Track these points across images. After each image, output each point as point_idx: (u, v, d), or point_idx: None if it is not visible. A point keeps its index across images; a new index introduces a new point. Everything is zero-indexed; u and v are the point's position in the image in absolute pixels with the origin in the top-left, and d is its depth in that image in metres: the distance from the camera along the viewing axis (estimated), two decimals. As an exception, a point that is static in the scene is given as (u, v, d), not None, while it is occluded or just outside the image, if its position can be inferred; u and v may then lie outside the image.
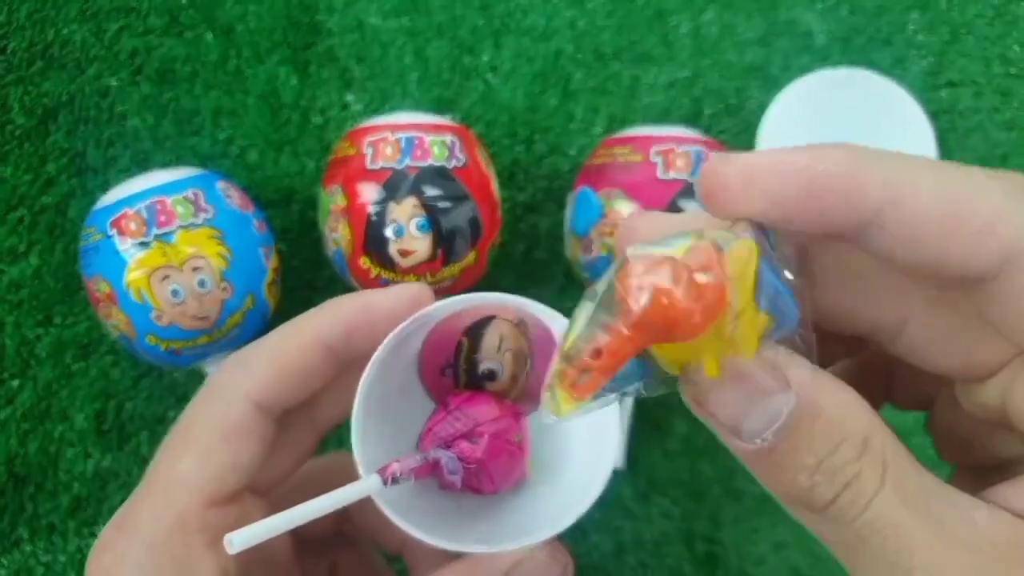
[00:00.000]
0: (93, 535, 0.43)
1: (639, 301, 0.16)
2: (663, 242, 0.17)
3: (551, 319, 0.25)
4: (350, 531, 0.32)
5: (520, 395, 0.27)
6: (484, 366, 0.27)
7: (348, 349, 0.25)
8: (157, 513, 0.23)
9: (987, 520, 0.16)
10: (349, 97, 0.48)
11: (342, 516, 0.31)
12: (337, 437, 0.45)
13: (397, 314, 0.24)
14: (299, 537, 0.28)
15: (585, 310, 0.17)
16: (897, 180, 0.17)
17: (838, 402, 0.17)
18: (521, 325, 0.26)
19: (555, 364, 0.17)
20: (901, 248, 0.17)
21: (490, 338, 0.26)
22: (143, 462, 0.44)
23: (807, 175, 0.17)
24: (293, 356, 0.24)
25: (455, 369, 0.27)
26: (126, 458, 0.44)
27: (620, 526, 0.45)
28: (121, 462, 0.44)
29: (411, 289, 0.25)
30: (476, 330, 0.26)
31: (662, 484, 0.46)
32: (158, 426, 0.45)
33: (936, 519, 0.16)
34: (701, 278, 0.16)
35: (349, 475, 0.28)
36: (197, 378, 0.45)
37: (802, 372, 0.17)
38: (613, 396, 0.18)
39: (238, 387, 0.24)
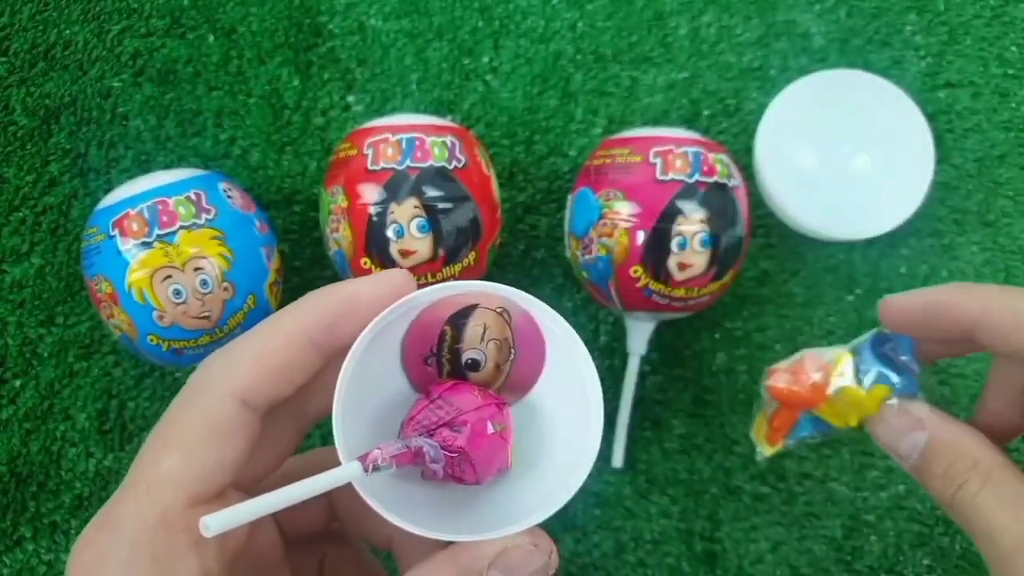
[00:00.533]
0: (95, 534, 0.44)
1: (773, 390, 0.30)
2: (790, 359, 0.30)
3: (534, 307, 0.26)
4: (339, 528, 0.32)
5: (504, 385, 0.27)
6: (467, 356, 0.27)
7: (332, 340, 0.25)
8: (140, 511, 0.23)
9: None
10: (350, 98, 0.49)
11: (330, 513, 0.31)
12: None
13: (380, 302, 0.24)
14: (288, 535, 0.28)
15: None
16: (987, 303, 0.26)
17: (955, 435, 0.27)
18: (504, 314, 0.26)
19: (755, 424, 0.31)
20: (996, 345, 0.27)
21: (473, 327, 0.26)
22: (145, 461, 0.44)
23: (922, 307, 0.28)
24: (277, 351, 0.24)
25: (438, 358, 0.27)
26: (128, 457, 0.44)
27: (619, 525, 0.46)
28: (123, 461, 0.44)
29: (393, 276, 0.25)
30: (459, 319, 0.26)
31: (661, 483, 0.46)
32: (160, 425, 0.45)
33: (1015, 505, 0.24)
34: (812, 376, 0.29)
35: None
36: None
37: (932, 417, 0.27)
38: (794, 442, 0.30)
39: (222, 384, 0.24)
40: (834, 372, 0.28)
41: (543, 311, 0.25)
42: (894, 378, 0.28)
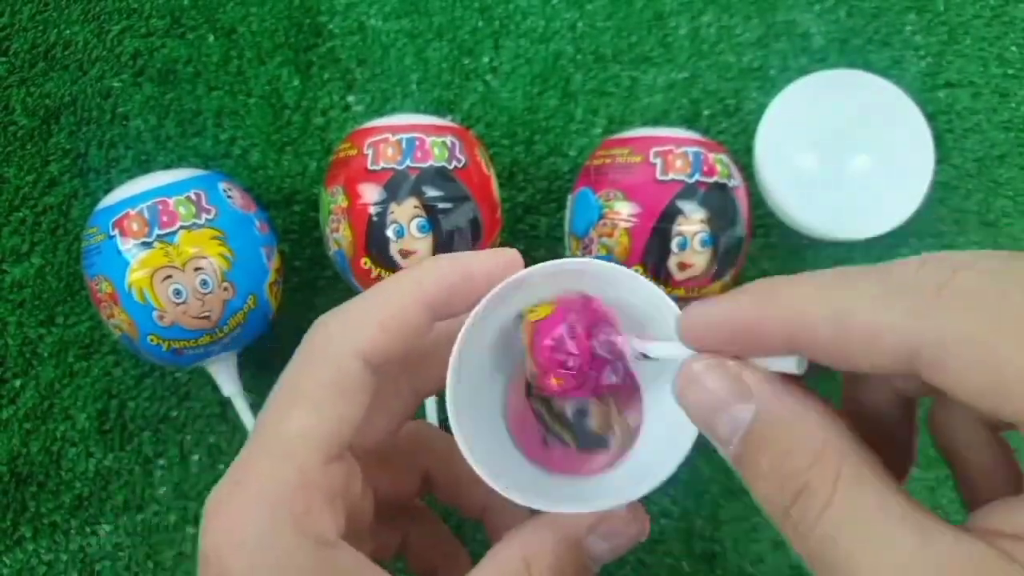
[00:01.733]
0: (95, 534, 0.44)
1: None
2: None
3: (643, 286, 0.26)
4: (421, 505, 0.32)
5: (619, 406, 0.28)
6: (569, 408, 0.28)
7: (446, 308, 0.25)
8: (276, 469, 0.23)
9: (946, 543, 0.16)
10: (350, 98, 0.49)
11: (423, 484, 0.31)
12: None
13: (493, 277, 0.25)
14: (377, 505, 0.29)
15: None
16: (795, 321, 0.19)
17: (795, 413, 0.19)
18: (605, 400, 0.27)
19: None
20: (830, 362, 0.19)
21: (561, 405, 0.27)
22: (145, 461, 0.44)
23: (729, 326, 0.20)
24: (397, 314, 0.25)
25: (553, 434, 0.28)
26: (128, 457, 0.44)
27: (619, 525, 0.46)
28: (123, 461, 0.44)
29: (506, 254, 0.26)
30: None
31: (661, 483, 0.46)
32: (160, 425, 0.45)
33: (887, 540, 0.16)
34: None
35: (431, 442, 0.30)
36: (199, 377, 0.45)
37: (764, 385, 0.19)
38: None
39: (345, 343, 0.24)
40: None
41: (641, 283, 0.26)
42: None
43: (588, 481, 0.27)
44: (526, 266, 0.26)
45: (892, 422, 0.24)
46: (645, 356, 0.25)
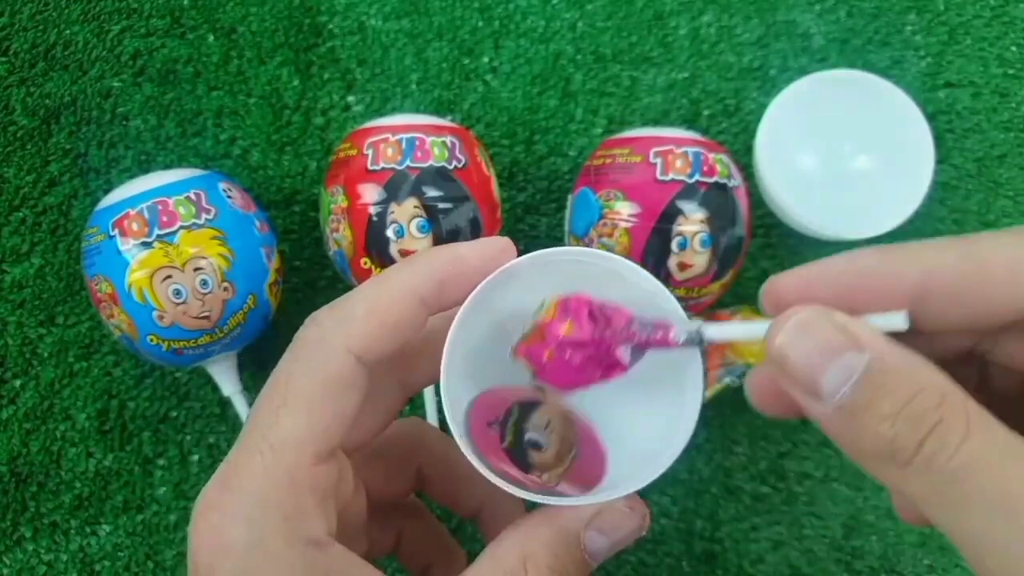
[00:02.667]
0: (95, 534, 0.44)
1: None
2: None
3: (634, 272, 0.25)
4: (415, 502, 0.32)
5: (564, 476, 0.27)
6: (529, 436, 0.27)
7: (440, 300, 0.25)
8: (267, 470, 0.22)
9: None
10: (350, 98, 0.49)
11: (417, 482, 0.31)
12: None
13: (486, 266, 0.25)
14: (371, 503, 0.28)
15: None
16: (927, 263, 0.20)
17: (910, 361, 0.19)
18: (570, 416, 0.27)
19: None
20: (946, 313, 0.20)
21: (539, 416, 0.27)
22: (145, 461, 0.44)
23: (844, 279, 0.21)
24: (390, 308, 0.24)
25: (502, 428, 0.27)
26: (128, 457, 0.44)
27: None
28: (123, 461, 0.44)
29: (499, 242, 0.25)
30: (526, 405, 0.27)
31: (661, 483, 0.46)
32: (160, 425, 0.45)
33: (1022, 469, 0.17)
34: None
35: (425, 439, 0.29)
36: (199, 377, 0.45)
37: (874, 335, 0.19)
38: (728, 380, 0.34)
39: (337, 339, 0.24)
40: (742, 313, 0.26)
41: (643, 276, 0.25)
42: None
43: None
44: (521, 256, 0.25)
45: None
46: (701, 342, 0.24)
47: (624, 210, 0.40)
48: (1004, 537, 0.16)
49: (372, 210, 0.39)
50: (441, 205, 0.39)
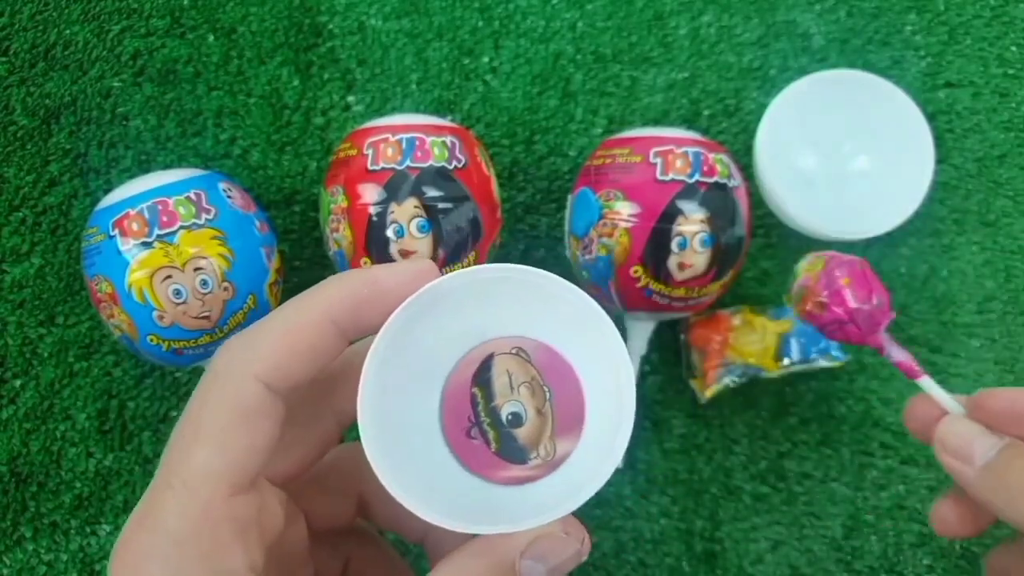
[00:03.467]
0: (95, 534, 0.44)
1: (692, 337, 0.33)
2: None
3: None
4: (364, 527, 0.31)
5: (555, 431, 0.26)
6: (505, 411, 0.26)
7: (355, 325, 0.24)
8: (181, 508, 0.22)
9: None
10: (350, 98, 0.49)
11: (359, 508, 0.30)
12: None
13: (404, 288, 0.24)
14: (314, 531, 0.28)
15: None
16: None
17: None
18: (521, 353, 0.26)
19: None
20: None
21: (498, 378, 0.26)
22: (145, 461, 0.44)
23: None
24: (301, 333, 0.24)
25: (480, 427, 0.26)
26: (128, 457, 0.45)
27: (619, 525, 0.46)
28: (123, 461, 0.44)
29: (418, 263, 0.25)
30: (482, 376, 0.26)
31: (661, 483, 0.46)
32: (160, 425, 0.45)
33: None
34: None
35: (364, 466, 0.28)
36: (199, 377, 0.45)
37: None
38: (728, 381, 0.35)
39: (245, 367, 0.23)
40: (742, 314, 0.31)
41: (567, 289, 0.24)
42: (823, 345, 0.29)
43: (519, 496, 0.26)
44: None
45: None
46: (894, 361, 0.33)
47: (624, 210, 0.40)
48: None
49: (372, 210, 0.39)
50: (441, 205, 0.39)
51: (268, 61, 0.48)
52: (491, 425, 0.26)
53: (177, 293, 0.37)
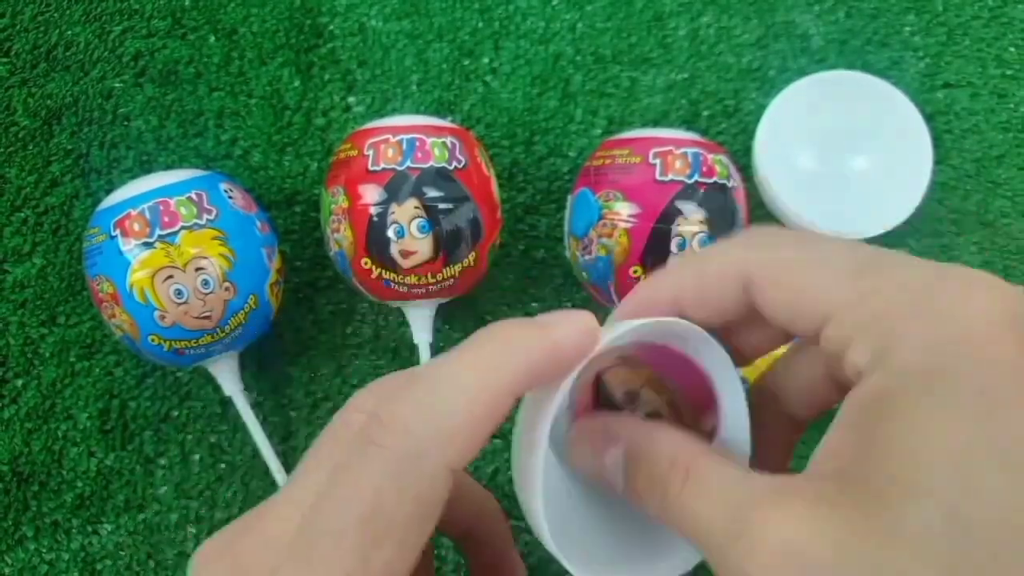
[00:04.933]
0: (97, 533, 0.44)
1: None
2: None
3: (709, 346, 0.24)
4: None
5: (694, 412, 0.26)
6: (621, 391, 0.25)
7: (530, 388, 0.22)
8: None
9: (761, 482, 0.21)
10: (351, 99, 0.49)
11: None
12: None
13: (580, 352, 0.22)
14: None
15: None
16: (671, 284, 0.24)
17: (652, 438, 0.23)
18: (629, 360, 0.25)
19: None
20: (700, 319, 0.24)
21: (617, 390, 0.25)
22: (146, 460, 0.45)
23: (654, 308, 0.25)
24: (488, 409, 0.21)
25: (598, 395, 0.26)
26: (129, 457, 0.45)
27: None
28: (124, 461, 0.45)
29: (584, 321, 0.22)
30: (601, 396, 0.25)
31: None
32: (161, 425, 0.45)
33: (720, 491, 0.21)
34: None
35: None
36: (200, 377, 0.45)
37: (627, 426, 0.24)
38: None
39: (439, 455, 0.20)
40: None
41: (713, 346, 0.24)
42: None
43: (651, 537, 0.25)
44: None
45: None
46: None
47: (624, 210, 0.40)
48: (709, 545, 0.20)
49: (373, 210, 0.39)
50: (441, 205, 0.39)
51: (269, 62, 0.49)
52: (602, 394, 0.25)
53: (178, 293, 0.38)
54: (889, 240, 0.47)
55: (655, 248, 0.40)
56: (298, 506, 0.21)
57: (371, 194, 0.39)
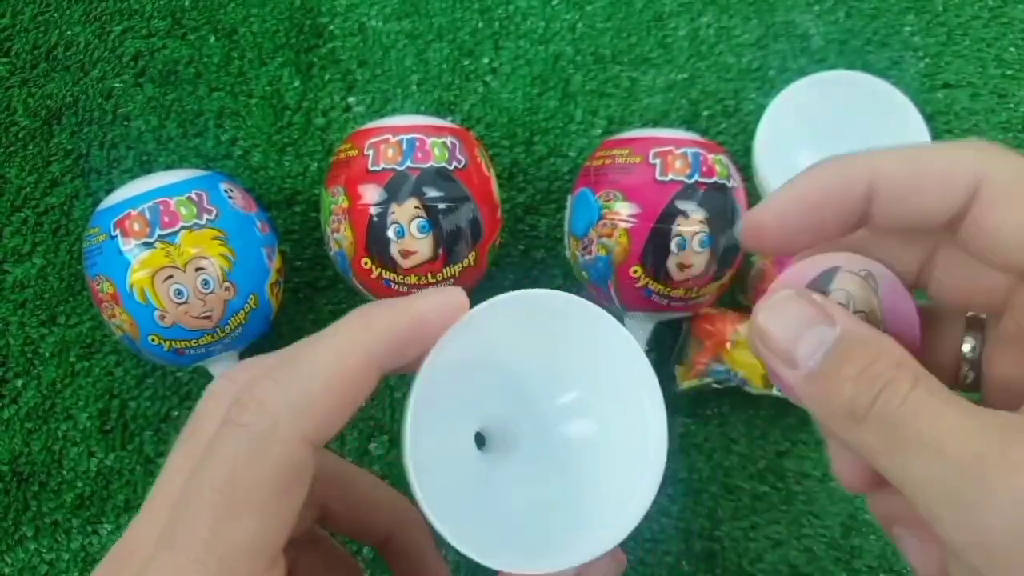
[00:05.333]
0: (96, 533, 0.44)
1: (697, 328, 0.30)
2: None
3: (582, 309, 0.25)
4: (316, 530, 0.30)
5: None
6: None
7: (395, 363, 0.22)
8: None
9: (997, 415, 0.19)
10: (351, 99, 0.49)
11: (321, 513, 0.29)
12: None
13: (445, 322, 0.23)
14: None
15: None
16: (873, 164, 0.22)
17: (873, 334, 0.21)
18: (870, 279, 0.24)
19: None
20: (893, 212, 0.22)
21: (836, 293, 0.24)
22: (146, 460, 0.45)
23: (812, 198, 0.23)
24: (348, 382, 0.21)
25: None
26: (129, 456, 0.45)
27: (619, 524, 0.46)
28: (124, 461, 0.45)
29: (453, 294, 0.23)
30: (821, 283, 0.24)
31: (660, 481, 0.46)
32: (161, 424, 0.45)
33: (960, 411, 0.19)
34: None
35: (328, 472, 0.27)
36: (201, 377, 0.45)
37: (843, 312, 0.22)
38: (710, 380, 0.31)
39: (294, 429, 0.21)
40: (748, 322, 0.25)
41: (598, 316, 0.24)
42: None
43: (552, 525, 0.25)
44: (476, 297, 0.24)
45: None
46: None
47: (623, 210, 0.40)
48: (937, 474, 0.18)
49: (373, 210, 0.39)
50: (441, 205, 0.39)
51: (269, 62, 0.49)
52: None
53: (178, 293, 0.38)
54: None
55: (655, 248, 0.40)
56: (168, 494, 0.21)
57: (371, 194, 0.39)
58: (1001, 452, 0.18)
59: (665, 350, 0.47)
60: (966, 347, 0.25)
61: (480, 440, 0.27)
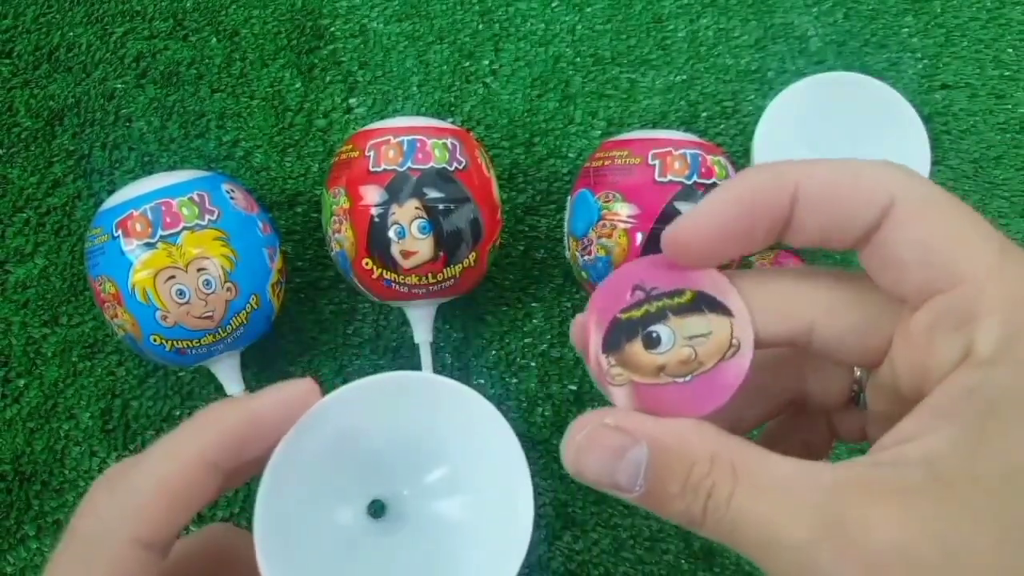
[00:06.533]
0: (99, 532, 0.44)
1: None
2: None
3: (454, 391, 0.24)
4: None
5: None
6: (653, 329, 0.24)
7: (236, 462, 0.22)
8: None
9: (827, 473, 0.19)
10: (352, 101, 0.49)
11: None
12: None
13: (286, 418, 0.23)
14: None
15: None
16: (802, 171, 0.22)
17: (680, 437, 0.21)
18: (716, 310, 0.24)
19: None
20: (812, 221, 0.22)
21: (661, 334, 0.23)
22: (148, 460, 0.45)
23: (738, 207, 0.22)
24: (178, 483, 0.21)
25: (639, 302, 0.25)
26: (131, 456, 0.45)
27: (618, 522, 0.46)
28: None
29: (297, 386, 0.23)
30: (631, 316, 0.24)
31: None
32: (163, 424, 0.45)
33: (783, 488, 0.19)
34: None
35: (236, 550, 0.27)
36: (202, 377, 0.45)
37: (645, 424, 0.21)
38: None
39: (122, 529, 0.21)
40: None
41: (458, 392, 0.24)
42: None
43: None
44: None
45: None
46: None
47: (623, 211, 0.40)
48: (783, 563, 0.19)
49: (374, 211, 0.39)
50: (442, 206, 0.39)
51: (270, 64, 0.49)
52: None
53: (180, 293, 0.38)
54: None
55: (654, 248, 0.40)
56: None
57: (372, 195, 0.39)
58: (827, 531, 0.18)
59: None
60: (856, 371, 0.25)
61: (382, 509, 0.27)
